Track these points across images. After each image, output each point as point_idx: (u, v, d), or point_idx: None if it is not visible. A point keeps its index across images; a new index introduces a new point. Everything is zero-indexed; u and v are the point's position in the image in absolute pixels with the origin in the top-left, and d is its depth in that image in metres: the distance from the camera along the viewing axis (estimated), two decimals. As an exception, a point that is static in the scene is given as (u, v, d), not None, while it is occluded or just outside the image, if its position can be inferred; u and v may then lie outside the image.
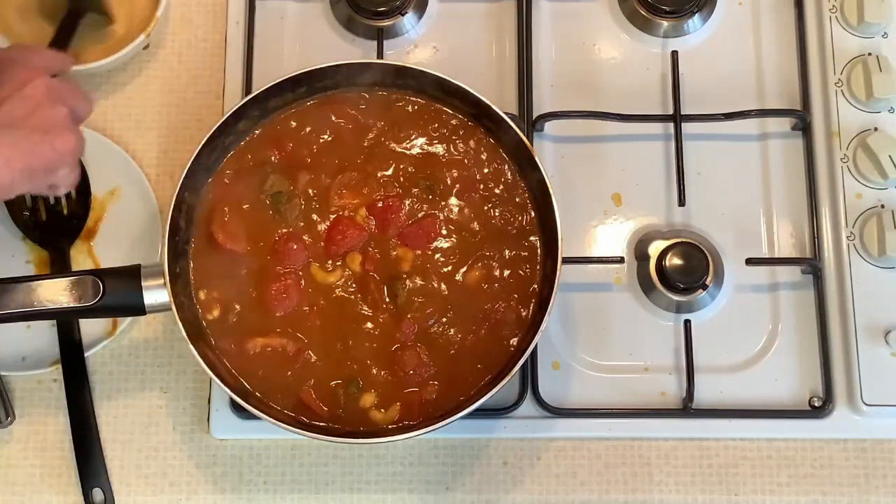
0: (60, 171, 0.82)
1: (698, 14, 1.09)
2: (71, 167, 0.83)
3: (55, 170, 0.81)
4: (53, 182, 0.83)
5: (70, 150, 0.81)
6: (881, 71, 1.04)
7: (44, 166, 0.80)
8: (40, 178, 0.80)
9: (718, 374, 1.00)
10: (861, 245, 1.01)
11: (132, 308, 0.88)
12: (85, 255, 1.02)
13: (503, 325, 0.92)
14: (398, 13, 1.08)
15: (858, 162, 1.03)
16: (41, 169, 0.79)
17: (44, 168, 0.80)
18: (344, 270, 0.93)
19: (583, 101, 1.06)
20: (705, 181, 1.05)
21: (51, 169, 0.80)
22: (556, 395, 0.99)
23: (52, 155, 0.80)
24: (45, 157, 0.79)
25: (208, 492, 0.98)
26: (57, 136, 0.80)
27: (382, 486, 0.98)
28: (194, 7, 1.10)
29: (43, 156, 0.79)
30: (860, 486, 0.98)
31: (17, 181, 0.77)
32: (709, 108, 1.05)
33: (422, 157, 0.96)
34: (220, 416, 0.98)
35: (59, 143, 0.80)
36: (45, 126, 0.79)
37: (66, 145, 0.81)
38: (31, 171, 0.78)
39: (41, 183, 0.82)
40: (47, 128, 0.80)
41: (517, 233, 0.95)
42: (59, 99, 0.82)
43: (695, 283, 1.00)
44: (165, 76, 1.08)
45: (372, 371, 0.91)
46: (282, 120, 0.96)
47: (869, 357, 0.98)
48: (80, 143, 0.83)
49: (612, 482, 0.98)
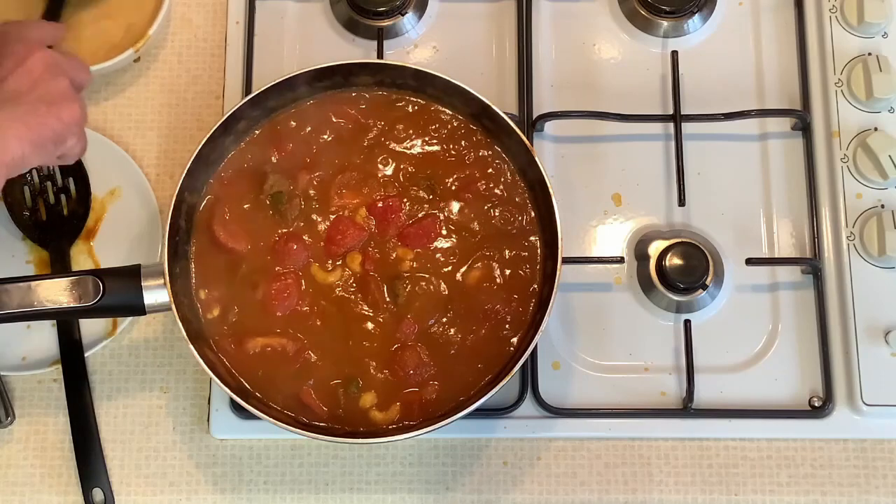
0: (68, 141, 0.83)
1: (698, 14, 1.09)
2: (78, 136, 0.85)
3: (63, 140, 0.82)
4: (62, 152, 0.84)
5: (75, 119, 0.83)
6: (881, 71, 1.04)
7: (52, 137, 0.81)
8: (50, 149, 0.82)
9: (718, 374, 1.00)
10: (861, 245, 1.01)
11: (132, 308, 0.88)
12: (85, 255, 1.02)
13: (503, 324, 0.92)
14: (398, 13, 1.08)
15: (858, 162, 1.03)
16: (50, 140, 0.81)
17: (53, 139, 0.81)
18: (344, 270, 0.93)
19: (583, 101, 1.06)
20: (705, 181, 1.05)
21: (59, 140, 0.82)
22: (556, 395, 0.99)
23: (59, 126, 0.81)
24: (52, 129, 0.81)
25: (208, 492, 0.98)
26: (62, 107, 0.82)
27: (382, 486, 0.98)
28: (194, 7, 1.10)
29: (51, 127, 0.80)
30: (860, 486, 0.98)
31: (28, 154, 0.79)
32: (709, 108, 1.05)
33: (422, 157, 0.96)
34: (220, 416, 0.98)
35: (65, 114, 0.82)
36: (48, 98, 0.81)
37: (71, 115, 0.82)
38: (41, 143, 0.80)
39: (51, 154, 0.83)
40: (51, 100, 0.81)
41: (517, 233, 0.95)
42: (59, 70, 0.83)
43: (695, 283, 1.00)
44: (165, 76, 1.08)
45: (372, 371, 0.91)
46: (282, 120, 0.97)
47: (869, 357, 0.99)
48: (84, 112, 0.85)
49: (612, 482, 0.98)
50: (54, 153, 0.83)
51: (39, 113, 0.80)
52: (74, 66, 0.87)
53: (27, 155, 0.79)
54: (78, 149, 0.86)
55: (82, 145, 0.87)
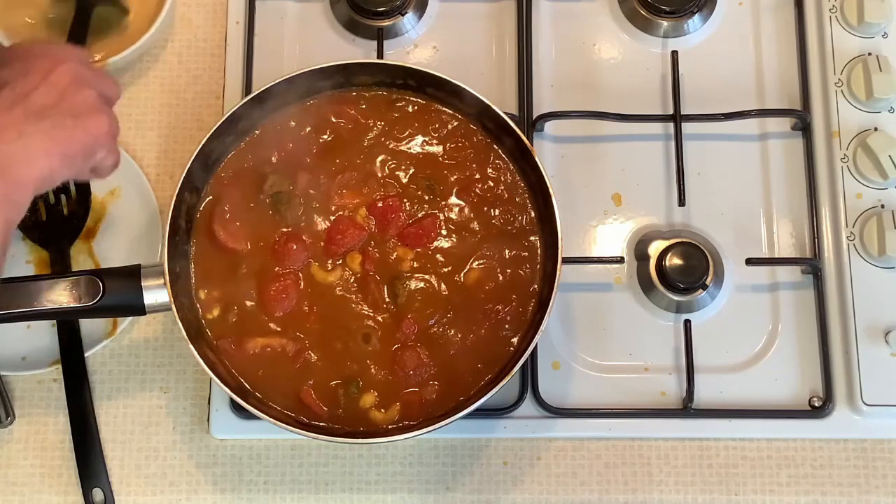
0: (98, 153, 0.80)
1: (698, 14, 1.09)
2: (108, 149, 0.82)
3: (93, 153, 0.80)
4: (94, 165, 0.82)
5: (104, 131, 0.80)
6: (881, 71, 1.04)
7: (82, 150, 0.79)
8: (79, 163, 0.79)
9: (718, 374, 1.00)
10: (861, 245, 1.01)
11: (132, 308, 0.88)
12: (85, 255, 1.02)
13: (503, 324, 0.92)
14: (398, 13, 1.08)
15: (858, 162, 1.03)
16: (79, 153, 0.79)
17: (82, 152, 0.79)
18: (344, 270, 0.93)
19: (583, 101, 1.06)
20: (705, 181, 1.05)
21: (89, 153, 0.79)
22: (556, 395, 0.99)
23: (88, 139, 0.79)
24: (81, 142, 0.78)
25: (208, 492, 0.98)
26: (89, 119, 0.79)
27: (382, 486, 0.98)
28: (194, 7, 1.10)
29: (79, 141, 0.78)
30: (860, 486, 0.98)
31: (57, 169, 0.77)
32: (709, 108, 1.05)
33: (422, 157, 0.96)
34: (220, 416, 0.98)
35: (93, 126, 0.79)
36: (75, 111, 0.79)
37: (99, 127, 0.80)
38: (70, 156, 0.78)
39: (81, 168, 0.80)
40: (78, 112, 0.79)
41: (517, 233, 0.95)
42: (85, 83, 0.81)
43: (695, 283, 1.00)
44: (165, 76, 1.08)
45: (372, 371, 0.91)
46: (282, 120, 0.96)
47: (869, 357, 0.99)
48: (115, 125, 0.82)
49: (612, 482, 0.98)
50: (85, 167, 0.81)
51: (66, 126, 0.77)
52: (101, 78, 0.84)
53: (56, 169, 0.76)
54: (110, 161, 0.83)
55: (114, 158, 0.84)
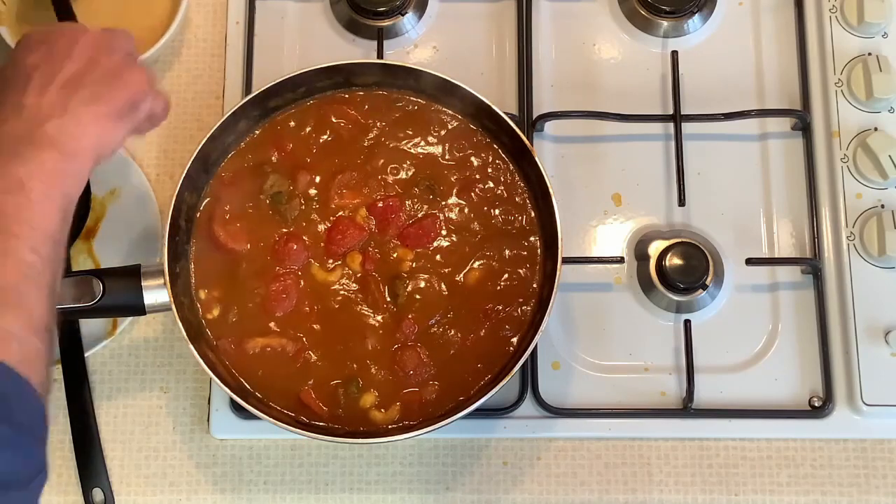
0: (143, 103, 0.83)
1: (698, 14, 1.09)
2: (153, 96, 0.84)
3: (138, 105, 0.82)
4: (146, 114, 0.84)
5: (143, 80, 0.83)
6: (881, 71, 1.04)
7: (128, 105, 0.81)
8: (131, 117, 0.82)
9: (718, 374, 1.00)
10: (861, 245, 1.01)
11: (132, 308, 0.88)
12: (85, 255, 1.02)
13: (503, 324, 0.92)
14: (398, 13, 1.08)
15: (858, 162, 1.03)
16: (126, 108, 0.81)
17: (129, 107, 0.81)
18: (344, 270, 0.93)
19: (583, 101, 1.06)
20: (705, 181, 1.05)
21: (134, 106, 0.82)
22: (556, 395, 0.99)
23: (129, 93, 0.81)
24: (124, 98, 0.81)
25: (208, 492, 0.98)
26: (124, 75, 0.81)
27: (382, 486, 0.98)
28: (194, 7, 1.10)
29: (122, 98, 0.81)
30: (860, 486, 0.98)
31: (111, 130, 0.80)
32: (709, 108, 1.05)
33: (422, 157, 0.96)
34: (220, 416, 0.98)
35: (131, 80, 0.82)
36: (109, 73, 0.81)
37: (137, 79, 0.82)
38: (118, 115, 0.80)
39: (134, 121, 0.83)
40: (112, 74, 0.81)
41: (517, 233, 0.95)
42: (109, 47, 0.83)
43: (695, 283, 1.00)
44: (165, 76, 1.08)
45: (372, 371, 0.91)
46: (282, 120, 0.97)
47: (869, 357, 0.98)
48: (151, 73, 0.85)
49: (612, 482, 0.98)
50: (136, 120, 0.83)
51: (106, 88, 0.80)
52: (121, 37, 0.86)
53: (109, 130, 0.79)
54: (160, 105, 0.85)
55: (162, 102, 0.86)
